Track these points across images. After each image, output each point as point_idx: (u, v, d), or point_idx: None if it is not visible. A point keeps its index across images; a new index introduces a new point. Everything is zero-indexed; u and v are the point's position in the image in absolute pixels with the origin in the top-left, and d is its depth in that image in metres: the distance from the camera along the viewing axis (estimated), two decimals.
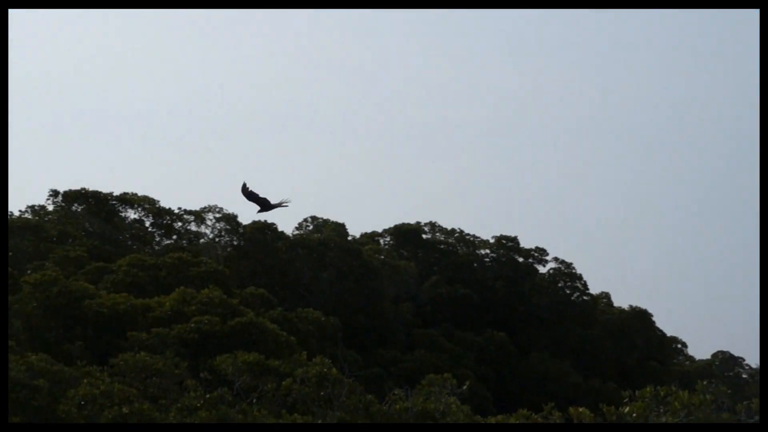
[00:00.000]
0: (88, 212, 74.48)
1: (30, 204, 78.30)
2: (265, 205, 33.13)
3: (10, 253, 64.88)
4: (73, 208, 75.51)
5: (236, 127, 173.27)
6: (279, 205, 34.02)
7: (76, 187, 76.54)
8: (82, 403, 38.21)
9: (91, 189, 76.79)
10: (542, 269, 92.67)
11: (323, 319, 58.10)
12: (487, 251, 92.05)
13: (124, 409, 35.98)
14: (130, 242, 72.27)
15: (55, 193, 76.65)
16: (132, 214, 76.97)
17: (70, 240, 67.69)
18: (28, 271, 56.91)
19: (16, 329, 45.09)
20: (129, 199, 77.35)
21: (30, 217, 74.80)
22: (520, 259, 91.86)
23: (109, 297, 51.19)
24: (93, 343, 48.25)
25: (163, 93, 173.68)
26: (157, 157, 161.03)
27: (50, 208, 76.88)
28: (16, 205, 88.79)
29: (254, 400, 39.42)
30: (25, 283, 51.81)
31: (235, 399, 38.30)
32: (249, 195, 32.86)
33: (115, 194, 77.24)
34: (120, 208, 76.52)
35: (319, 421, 36.03)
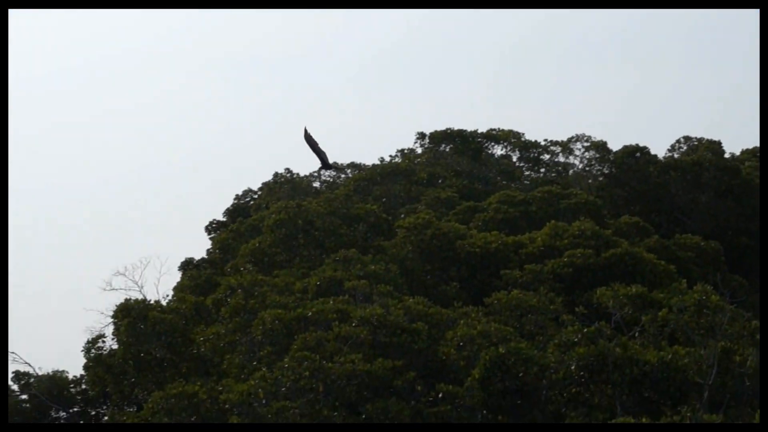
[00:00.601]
0: (456, 152, 76.09)
1: (399, 148, 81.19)
2: (323, 161, 33.77)
3: (383, 199, 67.66)
4: (441, 148, 77.41)
5: (599, 48, 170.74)
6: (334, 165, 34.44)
7: (442, 127, 78.42)
8: (461, 344, 39.41)
9: (456, 128, 78.37)
10: None
11: (703, 243, 56.57)
12: None
13: (501, 349, 36.73)
14: (498, 179, 73.27)
15: (422, 136, 78.87)
16: (498, 150, 77.99)
17: (440, 181, 69.48)
18: (402, 215, 59.06)
19: (393, 274, 46.94)
20: (495, 135, 78.34)
21: (400, 161, 77.46)
22: None
23: (481, 236, 52.27)
24: (467, 283, 49.56)
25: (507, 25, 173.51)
26: (517, 89, 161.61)
27: (419, 150, 79.27)
28: (387, 150, 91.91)
29: (636, 334, 39.16)
30: (399, 228, 53.90)
31: (614, 332, 38.18)
32: (310, 143, 33.15)
33: (480, 131, 78.43)
34: (486, 145, 77.66)
35: (702, 352, 35.20)
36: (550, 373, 35.98)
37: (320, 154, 36.02)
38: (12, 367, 65.28)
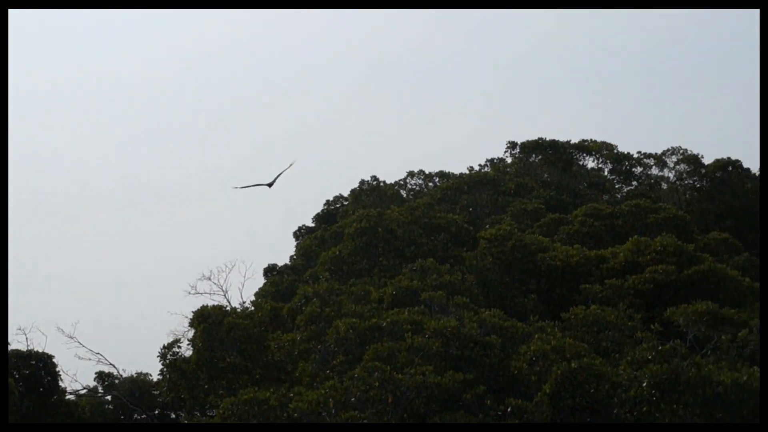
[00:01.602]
0: (546, 162, 75.72)
1: (489, 157, 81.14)
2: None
3: (470, 209, 67.71)
4: (531, 159, 77.11)
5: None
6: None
7: (533, 137, 78.08)
8: (534, 359, 39.35)
9: (548, 138, 77.96)
10: None
11: None
12: None
13: (573, 364, 36.61)
14: (588, 191, 72.76)
15: (512, 145, 78.63)
16: (590, 162, 77.44)
17: (528, 192, 69.21)
18: (486, 226, 59.03)
19: (469, 284, 47.02)
20: (587, 147, 77.80)
21: (489, 170, 77.35)
22: None
23: (563, 249, 52.05)
24: (546, 296, 49.40)
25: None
26: (610, 100, 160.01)
27: (509, 160, 79.08)
28: (476, 159, 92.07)
29: (708, 352, 38.71)
30: (482, 239, 53.89)
31: (689, 351, 37.80)
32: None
33: (572, 142, 77.95)
34: (578, 156, 77.16)
35: None
36: (622, 391, 35.75)
37: (259, 185, 39.55)
38: (97, 368, 66.76)
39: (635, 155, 77.89)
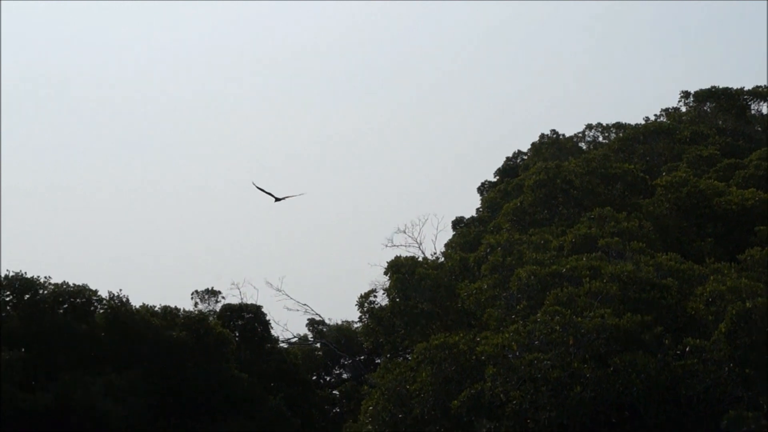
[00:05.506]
0: (720, 109, 73.20)
1: (664, 107, 79.00)
2: (274, 197, 39.25)
3: (647, 158, 66.13)
4: (705, 107, 74.73)
5: None
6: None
7: (707, 86, 75.66)
8: (710, 299, 38.36)
9: (721, 86, 75.42)
10: None
11: None
12: None
13: (748, 304, 35.55)
14: (763, 136, 69.99)
15: (686, 94, 76.40)
16: (764, 108, 74.47)
17: (703, 139, 67.09)
18: (662, 173, 57.63)
19: (646, 230, 46.04)
20: (760, 93, 74.80)
21: (664, 120, 75.33)
22: None
23: (738, 193, 50.43)
24: (723, 239, 47.98)
25: None
26: None
27: (683, 109, 76.84)
28: (651, 109, 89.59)
29: None
30: (658, 186, 52.71)
31: None
32: (261, 190, 39.28)
33: (746, 89, 75.11)
34: (752, 102, 74.34)
35: None
36: None
37: (270, 194, 42.60)
38: (304, 319, 68.47)
39: None
